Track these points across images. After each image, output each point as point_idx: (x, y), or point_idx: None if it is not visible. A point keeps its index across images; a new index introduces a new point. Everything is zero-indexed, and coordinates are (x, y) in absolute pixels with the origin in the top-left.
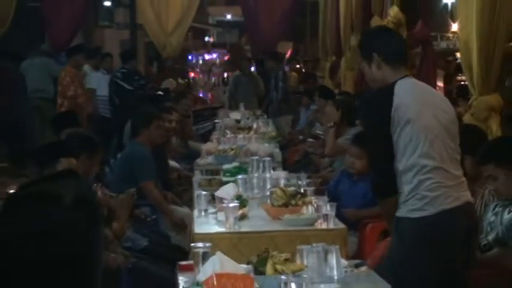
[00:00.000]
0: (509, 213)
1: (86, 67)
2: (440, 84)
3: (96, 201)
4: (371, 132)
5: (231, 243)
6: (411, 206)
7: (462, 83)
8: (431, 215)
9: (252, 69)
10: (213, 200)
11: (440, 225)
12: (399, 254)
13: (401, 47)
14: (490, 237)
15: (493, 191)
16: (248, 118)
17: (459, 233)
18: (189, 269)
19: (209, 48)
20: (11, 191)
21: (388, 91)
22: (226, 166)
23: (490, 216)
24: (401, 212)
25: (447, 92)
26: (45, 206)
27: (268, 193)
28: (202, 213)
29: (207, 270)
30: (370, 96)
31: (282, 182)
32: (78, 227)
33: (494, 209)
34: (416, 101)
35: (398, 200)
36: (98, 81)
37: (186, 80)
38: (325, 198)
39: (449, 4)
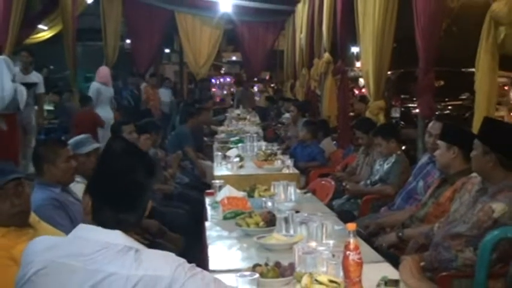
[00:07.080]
0: (387, 164)
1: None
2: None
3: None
4: None
5: (234, 181)
6: None
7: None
8: None
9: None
10: (224, 157)
11: None
12: None
13: None
14: (376, 177)
15: (379, 152)
16: (244, 113)
17: None
18: (211, 194)
19: (222, 75)
20: None
21: None
22: (232, 139)
23: (376, 166)
24: None
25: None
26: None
27: (255, 153)
28: (219, 164)
29: (221, 195)
30: None
31: (263, 148)
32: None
33: (379, 162)
34: None
35: None
36: (161, 94)
37: (210, 93)
38: (288, 156)
39: (355, 52)
